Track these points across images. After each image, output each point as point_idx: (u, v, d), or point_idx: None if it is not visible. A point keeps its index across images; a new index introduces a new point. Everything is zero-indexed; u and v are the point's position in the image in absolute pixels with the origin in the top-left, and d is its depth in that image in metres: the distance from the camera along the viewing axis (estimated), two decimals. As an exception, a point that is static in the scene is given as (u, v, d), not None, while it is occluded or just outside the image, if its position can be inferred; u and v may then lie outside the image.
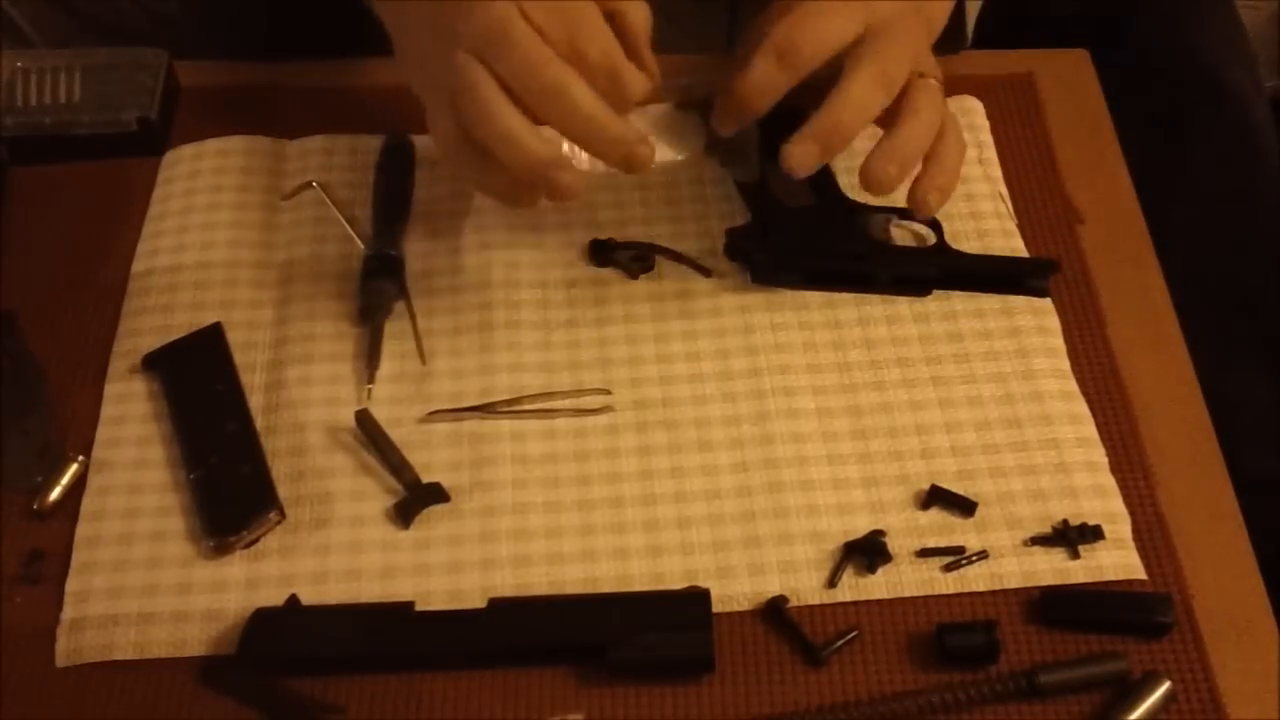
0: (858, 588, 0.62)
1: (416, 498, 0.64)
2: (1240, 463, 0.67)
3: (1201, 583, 0.62)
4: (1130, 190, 0.78)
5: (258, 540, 0.63)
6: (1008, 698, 0.58)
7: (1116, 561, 0.62)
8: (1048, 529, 0.63)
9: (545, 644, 0.60)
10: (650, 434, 0.67)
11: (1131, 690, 0.58)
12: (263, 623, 0.60)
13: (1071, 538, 0.63)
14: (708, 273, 0.74)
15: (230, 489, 0.64)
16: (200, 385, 0.69)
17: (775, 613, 0.61)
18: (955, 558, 0.62)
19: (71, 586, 0.62)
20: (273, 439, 0.67)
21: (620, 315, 0.72)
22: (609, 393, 0.69)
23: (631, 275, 0.74)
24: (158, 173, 0.79)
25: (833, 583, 0.62)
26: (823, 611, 0.61)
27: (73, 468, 0.66)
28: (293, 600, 0.61)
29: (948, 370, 0.69)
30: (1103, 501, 0.64)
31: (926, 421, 0.67)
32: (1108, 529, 0.63)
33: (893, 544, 0.63)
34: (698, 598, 0.61)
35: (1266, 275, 0.91)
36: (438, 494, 0.65)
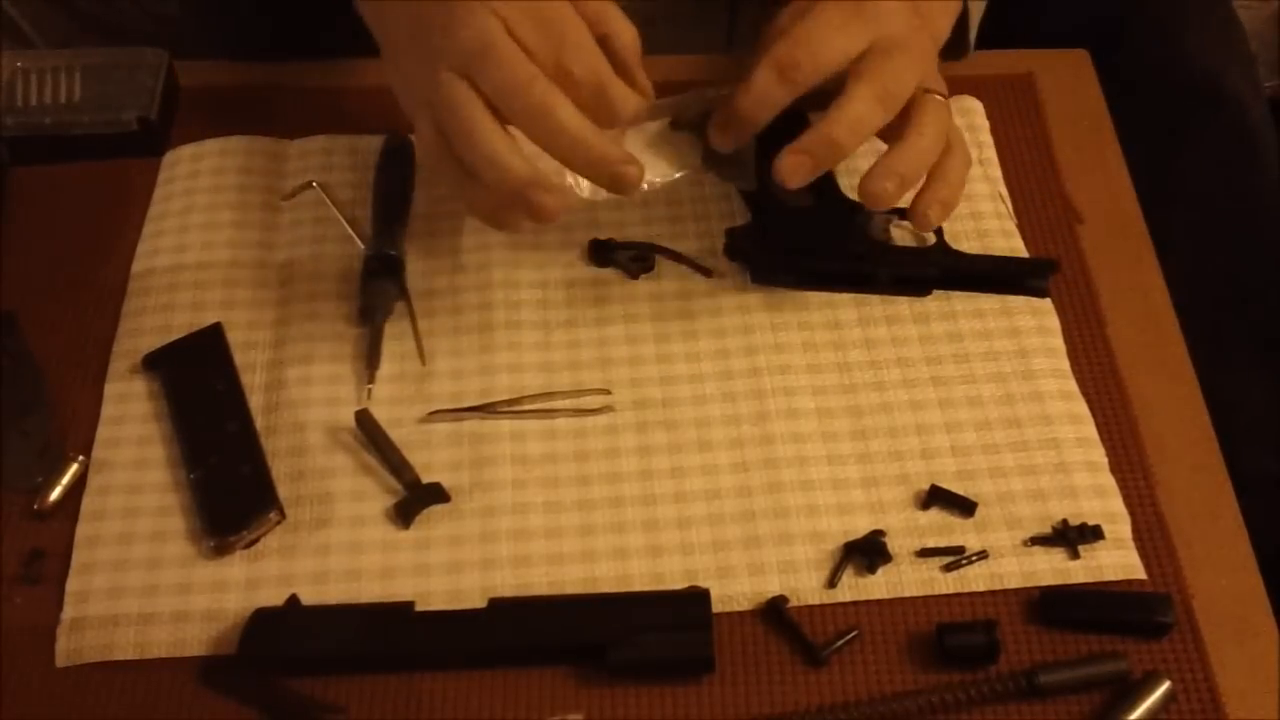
0: (858, 588, 0.62)
1: (416, 498, 0.64)
2: (1240, 463, 0.67)
3: (1201, 583, 0.62)
4: (1130, 190, 0.78)
5: (258, 540, 0.64)
6: (1008, 698, 0.58)
7: (1116, 561, 0.63)
8: (1048, 529, 0.63)
9: (545, 644, 0.60)
10: (650, 434, 0.67)
11: (1131, 690, 0.58)
12: (263, 623, 0.60)
13: (1071, 538, 0.63)
14: (708, 273, 0.74)
15: (230, 489, 0.64)
16: (200, 385, 0.69)
17: (775, 613, 0.61)
18: (955, 558, 0.62)
19: (71, 586, 0.62)
20: (273, 439, 0.67)
21: (620, 315, 0.72)
22: (609, 393, 0.69)
23: (631, 275, 0.74)
24: (158, 173, 0.79)
25: (833, 583, 0.62)
26: (823, 611, 0.61)
27: (73, 468, 0.66)
28: (293, 600, 0.61)
29: (948, 370, 0.69)
30: (1103, 501, 0.64)
31: (926, 421, 0.67)
32: (1108, 529, 0.63)
33: (893, 544, 0.63)
34: (698, 598, 0.61)
35: (1266, 276, 0.91)
36: (438, 494, 0.65)
